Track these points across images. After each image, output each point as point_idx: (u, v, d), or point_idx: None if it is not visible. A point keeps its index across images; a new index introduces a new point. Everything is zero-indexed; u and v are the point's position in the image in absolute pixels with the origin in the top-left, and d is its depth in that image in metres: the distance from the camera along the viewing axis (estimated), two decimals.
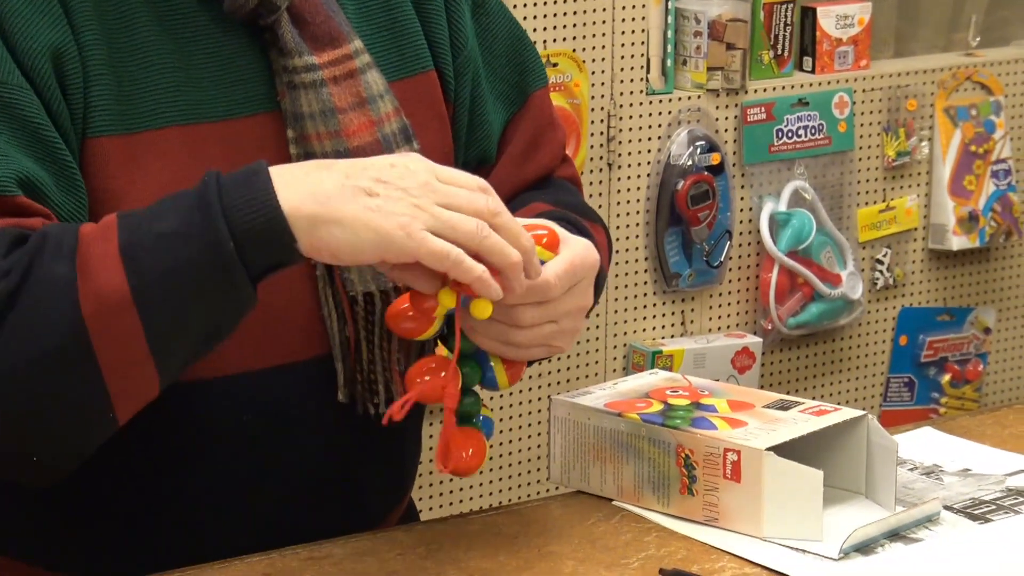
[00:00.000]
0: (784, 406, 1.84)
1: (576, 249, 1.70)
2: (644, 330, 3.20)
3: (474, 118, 1.96)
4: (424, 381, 1.66)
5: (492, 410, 2.41)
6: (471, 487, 3.08)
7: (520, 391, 3.13)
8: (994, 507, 1.84)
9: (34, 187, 1.65)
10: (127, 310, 1.56)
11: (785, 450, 1.73)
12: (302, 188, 1.57)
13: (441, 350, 1.74)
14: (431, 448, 2.89)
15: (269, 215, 1.56)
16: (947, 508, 1.82)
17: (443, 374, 1.65)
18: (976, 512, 1.82)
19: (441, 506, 3.05)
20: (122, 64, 1.73)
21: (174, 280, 1.57)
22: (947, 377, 3.57)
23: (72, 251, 1.57)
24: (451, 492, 3.07)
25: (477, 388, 1.72)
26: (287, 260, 1.59)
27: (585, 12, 3.09)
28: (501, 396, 3.11)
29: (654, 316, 3.21)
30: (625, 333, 3.19)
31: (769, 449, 1.72)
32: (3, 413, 1.59)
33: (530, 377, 3.08)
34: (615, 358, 3.19)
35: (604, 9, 3.10)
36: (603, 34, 3.11)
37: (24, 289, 1.57)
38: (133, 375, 1.59)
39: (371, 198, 1.56)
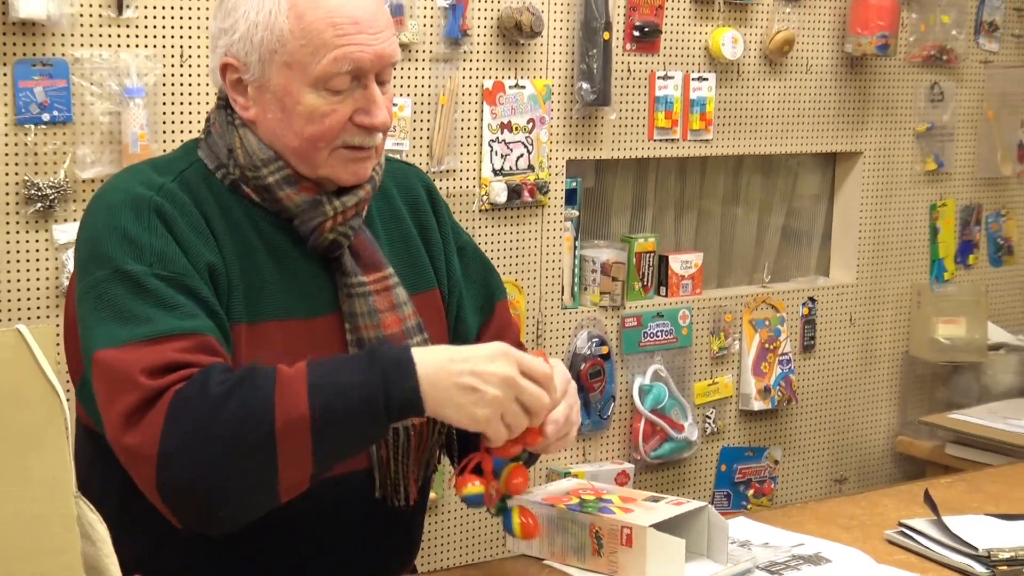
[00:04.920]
0: (656, 499, 1.84)
1: (559, 369, 1.72)
2: (558, 459, 3.16)
3: (458, 321, 1.94)
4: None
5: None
6: (456, 550, 3.02)
7: None
8: (784, 566, 1.84)
9: (216, 339, 1.63)
10: (305, 432, 1.53)
11: (659, 526, 1.73)
12: (433, 376, 1.57)
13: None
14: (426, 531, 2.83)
15: (412, 397, 1.57)
16: (757, 567, 1.82)
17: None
18: (773, 569, 1.83)
19: (432, 563, 2.98)
20: (246, 277, 1.72)
21: (340, 419, 1.55)
22: (751, 492, 3.53)
23: (273, 382, 1.55)
24: (441, 552, 3.00)
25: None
26: (415, 416, 1.59)
27: (522, 255, 3.08)
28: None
29: (566, 450, 3.14)
30: (546, 460, 3.15)
31: (650, 526, 1.72)
32: (210, 476, 1.53)
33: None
34: (540, 476, 3.15)
35: (535, 254, 3.09)
36: (534, 270, 3.10)
37: (236, 395, 1.53)
38: (297, 475, 1.56)
39: (473, 392, 1.57)
